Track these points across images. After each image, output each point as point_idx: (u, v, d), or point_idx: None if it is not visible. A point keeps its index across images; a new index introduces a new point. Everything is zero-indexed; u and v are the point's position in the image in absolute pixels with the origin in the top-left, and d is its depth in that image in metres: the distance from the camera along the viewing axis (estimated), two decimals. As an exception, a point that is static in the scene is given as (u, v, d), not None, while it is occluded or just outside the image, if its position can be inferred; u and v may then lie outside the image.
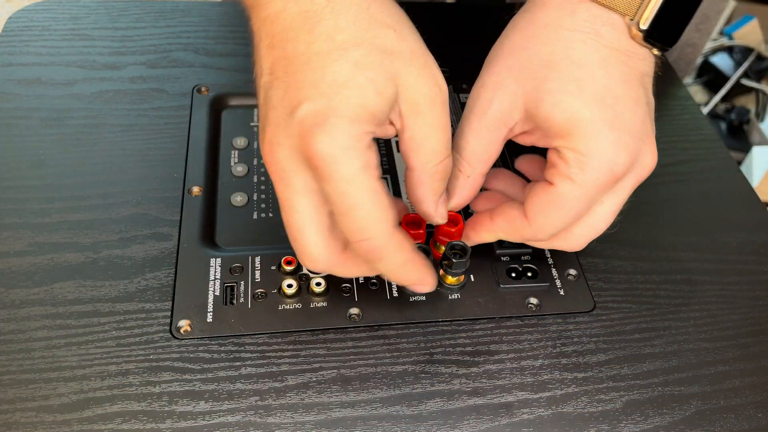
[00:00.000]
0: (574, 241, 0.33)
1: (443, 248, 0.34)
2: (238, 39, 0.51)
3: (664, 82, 0.52)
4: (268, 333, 0.33)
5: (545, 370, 0.33)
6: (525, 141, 0.33)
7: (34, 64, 0.47)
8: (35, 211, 0.37)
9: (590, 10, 0.30)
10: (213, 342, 0.33)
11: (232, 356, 0.32)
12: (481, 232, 0.34)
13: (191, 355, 0.32)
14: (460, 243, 0.34)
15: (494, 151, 0.32)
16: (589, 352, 0.34)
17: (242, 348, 0.32)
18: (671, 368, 0.34)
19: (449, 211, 0.33)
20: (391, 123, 0.29)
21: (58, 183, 0.39)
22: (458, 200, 0.33)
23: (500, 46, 0.32)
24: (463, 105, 0.46)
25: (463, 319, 0.34)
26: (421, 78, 0.28)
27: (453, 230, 0.34)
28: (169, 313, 0.33)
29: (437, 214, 0.31)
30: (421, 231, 0.34)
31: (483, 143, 0.32)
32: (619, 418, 0.32)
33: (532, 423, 0.31)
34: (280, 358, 0.32)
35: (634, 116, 0.30)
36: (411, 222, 0.34)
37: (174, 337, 0.32)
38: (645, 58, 0.31)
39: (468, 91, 0.44)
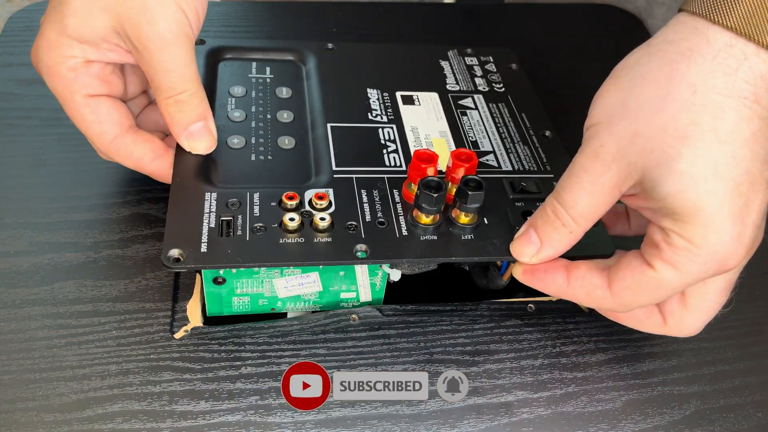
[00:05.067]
0: (686, 329, 0.31)
1: (415, 187, 0.32)
2: (238, 39, 0.51)
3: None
4: (267, 264, 0.30)
5: (545, 369, 0.33)
6: (627, 201, 0.29)
7: (35, 64, 0.47)
8: (36, 210, 0.38)
9: (755, 68, 0.25)
10: (213, 342, 0.33)
11: (232, 356, 0.32)
12: (551, 291, 0.31)
13: (191, 355, 0.32)
14: (475, 177, 0.32)
15: (603, 212, 0.28)
16: (589, 351, 0.34)
17: (242, 348, 0.33)
18: (671, 368, 0.34)
19: (463, 150, 0.33)
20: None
21: (58, 183, 0.39)
22: (552, 252, 0.30)
23: (626, 99, 0.27)
24: (468, 68, 0.45)
25: (477, 258, 0.32)
26: (146, 18, 0.31)
27: (467, 166, 0.32)
28: (169, 313, 0.33)
29: (186, 144, 0.33)
30: (433, 165, 0.32)
31: (593, 205, 0.28)
32: (619, 417, 0.32)
33: (532, 423, 0.31)
34: (280, 358, 0.32)
35: (763, 204, 0.26)
36: (423, 158, 0.32)
37: (165, 266, 0.29)
38: None
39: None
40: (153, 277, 0.35)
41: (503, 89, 0.43)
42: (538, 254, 0.30)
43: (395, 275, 0.34)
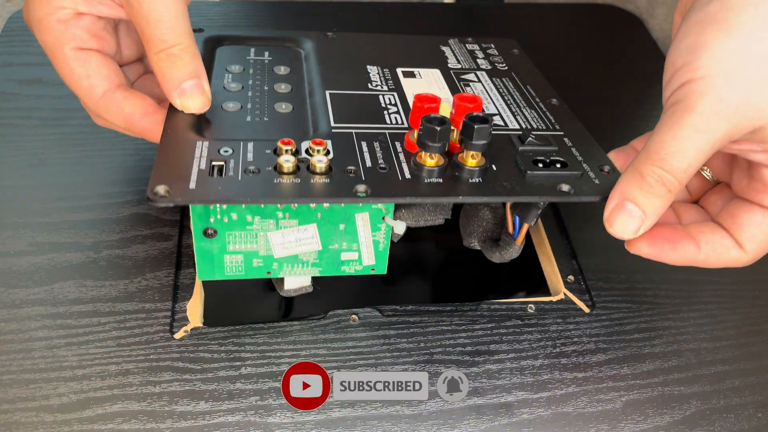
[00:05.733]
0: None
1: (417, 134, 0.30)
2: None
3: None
4: (260, 200, 0.28)
5: (545, 370, 0.33)
6: (727, 149, 0.28)
7: (34, 64, 0.47)
8: (36, 210, 0.38)
9: None
10: (213, 342, 0.33)
11: (232, 356, 0.32)
12: (677, 261, 0.29)
13: (191, 355, 0.32)
14: (480, 114, 0.30)
15: (701, 165, 0.28)
16: (589, 352, 0.34)
17: (242, 348, 0.33)
18: (671, 368, 0.34)
19: (467, 94, 0.31)
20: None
21: (58, 183, 0.39)
22: (655, 220, 0.28)
23: (747, 45, 0.26)
24: (470, 51, 0.44)
25: (484, 198, 0.30)
26: None
27: (472, 107, 0.31)
28: (169, 313, 0.33)
29: (178, 102, 0.32)
30: (435, 105, 0.31)
31: (702, 162, 0.27)
32: (619, 418, 0.32)
33: (532, 423, 0.31)
34: (280, 358, 0.32)
35: None
36: (424, 100, 0.31)
37: (149, 200, 0.27)
38: None
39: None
40: (153, 278, 0.35)
41: (506, 68, 0.42)
42: (642, 227, 0.28)
43: (400, 228, 0.32)
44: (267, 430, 0.30)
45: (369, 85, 0.38)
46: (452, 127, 0.30)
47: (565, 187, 0.30)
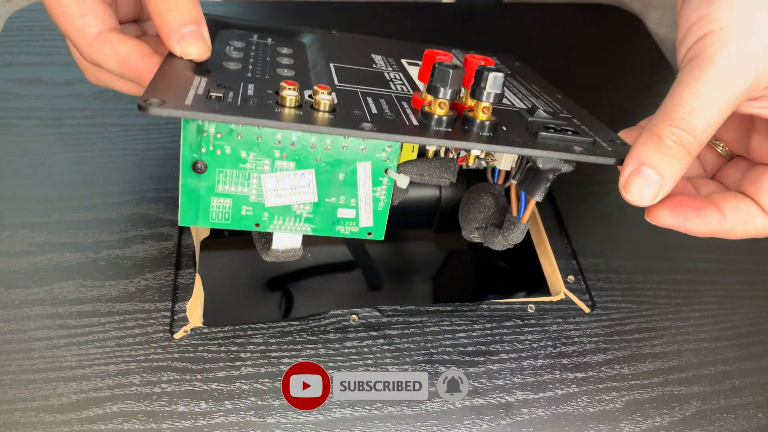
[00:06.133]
0: None
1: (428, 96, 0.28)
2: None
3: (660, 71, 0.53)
4: (259, 122, 0.26)
5: (545, 370, 0.33)
6: (745, 108, 0.27)
7: (34, 64, 0.47)
8: (35, 211, 0.37)
9: None
10: (213, 342, 0.33)
11: (232, 356, 0.32)
12: (700, 231, 0.28)
13: (191, 355, 0.32)
14: (494, 66, 0.29)
15: (721, 124, 0.26)
16: (589, 352, 0.34)
17: (242, 348, 0.32)
18: (671, 368, 0.34)
19: (477, 55, 0.30)
20: None
21: (58, 183, 0.39)
22: (673, 184, 0.26)
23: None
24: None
25: (497, 147, 0.28)
26: None
27: (483, 62, 0.30)
28: (169, 313, 0.33)
29: (177, 48, 0.30)
30: (447, 58, 0.30)
31: (722, 119, 0.26)
32: (619, 418, 0.32)
33: (532, 423, 0.31)
34: (280, 358, 0.32)
35: None
36: (435, 54, 0.31)
37: (140, 108, 0.25)
38: None
39: None
40: (153, 278, 0.35)
41: (510, 72, 0.42)
42: (660, 192, 0.26)
43: (403, 181, 0.30)
44: (267, 430, 0.30)
45: (373, 66, 0.37)
46: (463, 87, 0.29)
47: (578, 149, 0.28)
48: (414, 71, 0.37)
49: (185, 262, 0.36)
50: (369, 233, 0.31)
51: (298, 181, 0.29)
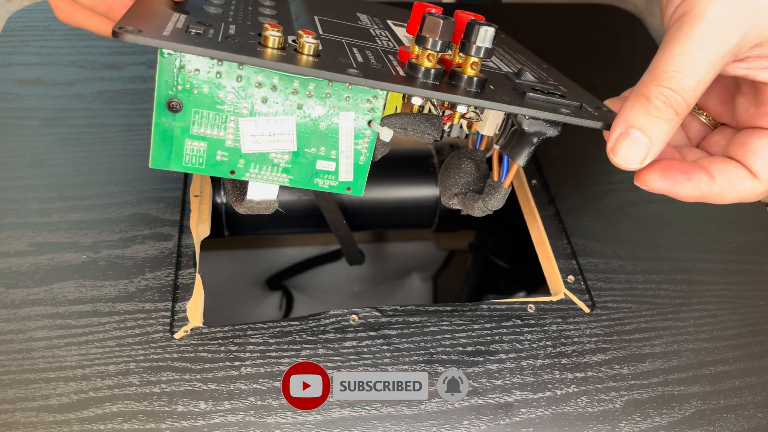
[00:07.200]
0: None
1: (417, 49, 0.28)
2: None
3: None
4: (238, 58, 0.24)
5: (545, 370, 0.33)
6: (731, 70, 0.27)
7: (34, 64, 0.47)
8: (35, 210, 0.37)
9: None
10: (213, 342, 0.33)
11: (232, 356, 0.32)
12: (688, 195, 0.27)
13: (191, 355, 0.32)
14: (485, 21, 0.28)
15: (710, 82, 0.26)
16: (589, 352, 0.34)
17: (242, 348, 0.33)
18: (671, 368, 0.34)
19: (473, 15, 0.29)
20: None
21: (58, 183, 0.39)
22: (661, 147, 0.26)
23: None
24: None
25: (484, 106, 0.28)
26: None
27: (473, 17, 0.29)
28: (169, 313, 0.33)
29: None
30: (436, 10, 0.29)
31: (711, 78, 0.25)
32: (619, 418, 0.32)
33: (532, 423, 0.31)
34: (280, 358, 0.32)
35: None
36: (424, 6, 0.30)
37: (115, 34, 0.23)
38: None
39: None
40: (153, 277, 0.35)
41: (496, 41, 0.42)
42: (649, 155, 0.26)
43: (386, 134, 0.29)
44: (267, 430, 0.30)
45: (359, 22, 0.36)
46: (452, 43, 0.28)
47: (565, 111, 0.28)
48: (400, 31, 0.36)
49: (185, 262, 0.36)
50: (348, 188, 0.30)
51: (277, 127, 0.27)
